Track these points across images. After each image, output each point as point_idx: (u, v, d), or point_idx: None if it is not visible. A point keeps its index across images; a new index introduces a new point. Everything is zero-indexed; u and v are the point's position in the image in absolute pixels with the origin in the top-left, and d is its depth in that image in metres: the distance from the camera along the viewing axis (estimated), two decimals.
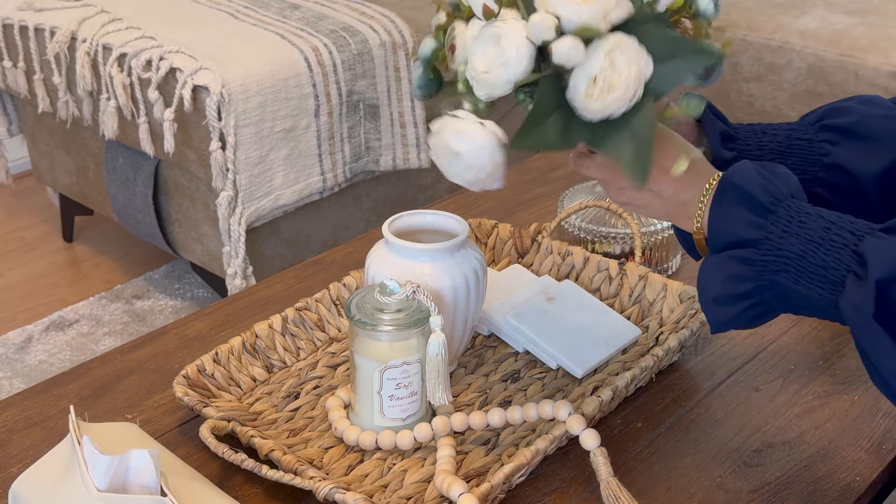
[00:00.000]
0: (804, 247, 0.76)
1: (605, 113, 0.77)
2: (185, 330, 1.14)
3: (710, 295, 0.80)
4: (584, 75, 0.76)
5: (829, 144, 0.91)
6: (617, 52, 0.75)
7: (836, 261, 0.75)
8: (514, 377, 1.05)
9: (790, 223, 0.77)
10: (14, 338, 2.21)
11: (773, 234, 0.77)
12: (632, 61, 0.76)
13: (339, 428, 0.95)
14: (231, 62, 1.89)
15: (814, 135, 0.92)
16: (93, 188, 2.33)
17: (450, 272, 0.97)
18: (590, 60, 0.76)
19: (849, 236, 0.75)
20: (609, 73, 0.75)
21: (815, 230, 0.76)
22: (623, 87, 0.75)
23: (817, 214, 0.77)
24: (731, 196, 0.79)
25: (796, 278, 0.77)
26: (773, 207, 0.78)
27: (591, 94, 0.76)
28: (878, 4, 2.33)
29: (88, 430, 0.83)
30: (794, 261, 0.76)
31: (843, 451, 0.95)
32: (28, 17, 2.17)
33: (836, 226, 0.76)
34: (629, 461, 0.94)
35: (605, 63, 0.75)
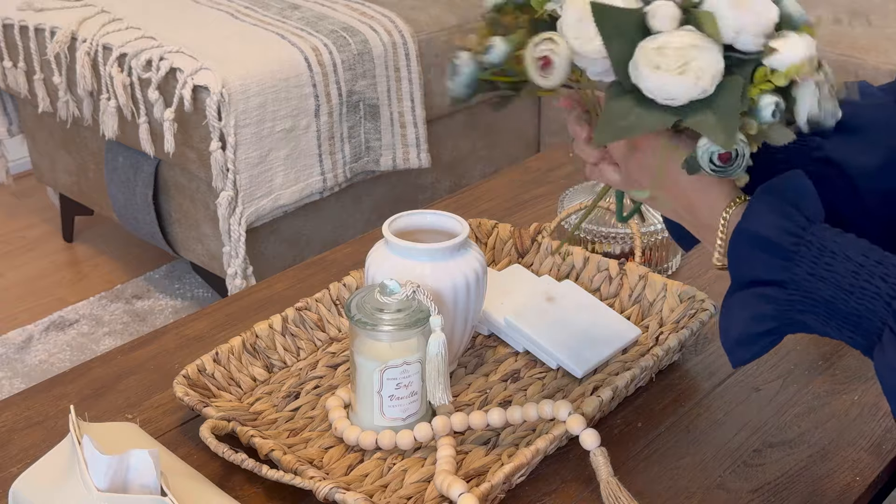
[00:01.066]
0: (833, 293, 0.73)
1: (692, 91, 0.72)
2: (185, 330, 1.14)
3: (734, 336, 0.78)
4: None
5: (820, 138, 0.88)
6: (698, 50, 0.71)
7: (868, 311, 0.72)
8: (514, 377, 1.05)
9: (815, 265, 0.74)
10: (14, 338, 2.21)
11: (798, 276, 0.74)
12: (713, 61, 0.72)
13: (340, 428, 0.95)
14: (231, 62, 1.89)
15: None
16: (93, 188, 2.33)
17: (450, 272, 0.97)
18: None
19: (881, 284, 0.71)
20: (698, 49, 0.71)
21: (843, 275, 0.73)
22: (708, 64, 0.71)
23: (843, 254, 0.73)
24: (747, 240, 0.76)
25: (826, 321, 0.74)
26: (796, 248, 0.74)
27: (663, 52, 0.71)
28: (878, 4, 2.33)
29: (88, 429, 0.83)
30: (823, 305, 0.74)
31: (844, 451, 0.95)
32: (28, 17, 2.17)
33: (865, 270, 0.72)
34: (629, 461, 0.94)
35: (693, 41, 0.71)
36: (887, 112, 0.90)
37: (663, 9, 0.73)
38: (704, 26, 0.73)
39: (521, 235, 1.25)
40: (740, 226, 0.77)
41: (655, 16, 0.73)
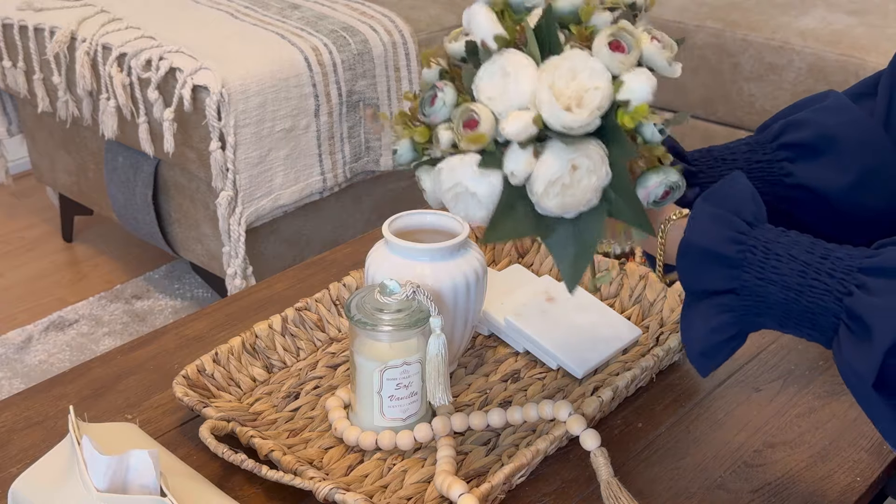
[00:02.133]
0: (784, 295, 0.74)
1: (561, 213, 0.76)
2: (185, 330, 1.14)
3: (698, 349, 0.79)
4: (542, 177, 0.75)
5: (788, 163, 0.89)
6: (581, 159, 0.74)
7: (820, 308, 0.73)
8: (514, 377, 1.05)
9: (763, 269, 0.75)
10: (14, 338, 2.21)
11: (748, 283, 0.75)
12: (592, 170, 0.75)
13: (339, 428, 0.95)
14: (231, 62, 1.89)
15: (772, 154, 0.90)
16: (93, 188, 2.33)
17: (450, 272, 0.97)
18: (550, 164, 0.74)
19: (829, 280, 0.72)
20: (568, 179, 0.74)
21: (790, 275, 0.74)
22: (580, 194, 0.75)
23: (787, 255, 0.74)
24: (694, 253, 0.77)
25: (783, 321, 0.76)
26: (741, 255, 0.75)
27: (549, 192, 0.75)
28: (878, 4, 2.33)
29: (88, 430, 0.83)
30: (778, 307, 0.75)
31: (844, 452, 0.95)
32: (28, 16, 2.17)
33: (811, 268, 0.73)
34: (629, 461, 0.94)
35: (565, 169, 0.74)
36: (860, 128, 0.90)
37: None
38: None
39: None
40: (684, 240, 0.78)
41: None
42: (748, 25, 2.28)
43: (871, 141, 0.89)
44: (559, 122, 0.74)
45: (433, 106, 0.79)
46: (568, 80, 0.74)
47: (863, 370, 0.70)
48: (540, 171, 0.75)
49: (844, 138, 0.89)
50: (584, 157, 0.74)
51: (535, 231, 0.78)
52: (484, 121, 0.76)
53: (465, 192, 0.78)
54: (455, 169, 0.78)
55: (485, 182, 0.77)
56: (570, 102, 0.74)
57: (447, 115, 0.79)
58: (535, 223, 0.77)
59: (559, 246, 0.78)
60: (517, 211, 0.77)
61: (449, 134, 0.78)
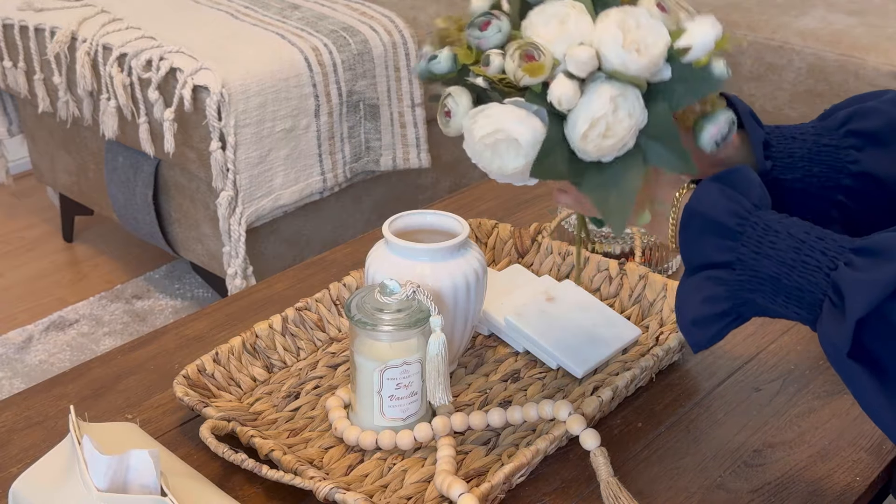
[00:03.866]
0: (777, 269, 0.76)
1: (598, 156, 0.78)
2: (185, 330, 1.14)
3: (689, 317, 0.80)
4: (585, 115, 0.76)
5: (855, 151, 0.88)
6: (620, 99, 0.76)
7: (810, 283, 0.75)
8: (514, 377, 1.05)
9: (760, 244, 0.77)
10: (14, 338, 2.21)
11: (744, 256, 0.77)
12: (632, 112, 0.77)
13: (340, 428, 0.95)
14: (231, 62, 1.89)
15: (839, 140, 0.89)
16: (93, 188, 2.33)
17: (450, 272, 0.97)
18: (594, 102, 0.76)
19: (821, 257, 0.74)
20: (611, 118, 0.76)
21: (785, 251, 0.76)
22: (620, 135, 0.77)
23: (786, 232, 0.77)
24: (697, 223, 0.80)
25: (773, 298, 0.77)
26: (741, 228, 0.78)
27: (588, 135, 0.76)
28: (878, 4, 2.33)
29: (88, 430, 0.83)
30: (769, 282, 0.77)
31: (844, 452, 0.95)
32: (28, 17, 2.17)
33: (806, 245, 0.75)
34: (629, 461, 0.94)
35: (608, 107, 0.76)
36: None
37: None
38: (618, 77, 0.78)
39: (521, 235, 1.25)
40: (688, 206, 0.80)
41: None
42: (748, 25, 2.28)
43: None
44: (621, 62, 0.76)
45: (485, 31, 0.79)
46: (633, 27, 0.76)
47: (838, 340, 0.72)
48: (583, 107, 0.76)
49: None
50: (623, 98, 0.76)
51: (572, 175, 0.79)
52: (546, 56, 0.76)
53: (505, 140, 0.78)
54: (496, 115, 0.78)
55: (528, 127, 0.77)
56: (632, 47, 0.76)
57: (500, 42, 0.79)
58: (572, 168, 0.78)
59: (599, 194, 0.78)
60: (557, 152, 0.78)
61: (500, 60, 0.78)
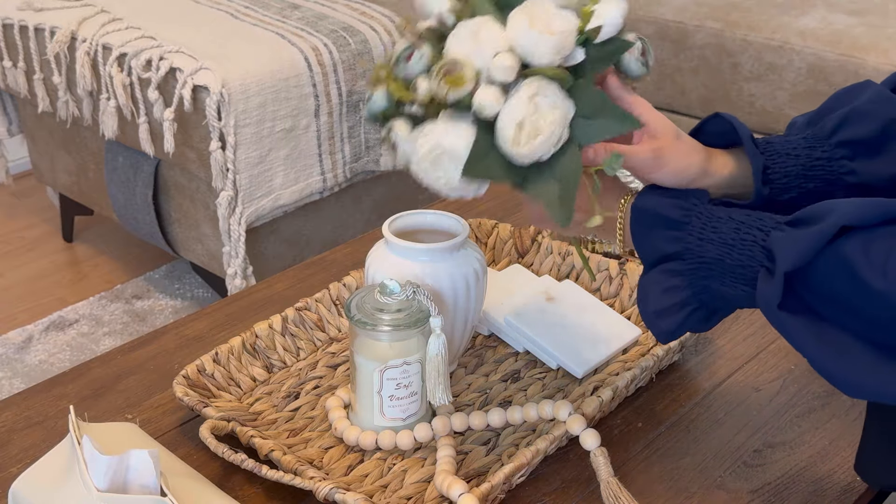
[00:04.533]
0: (720, 251, 0.78)
1: (534, 157, 0.79)
2: (185, 330, 1.14)
3: (651, 309, 0.82)
4: (509, 120, 0.78)
5: (847, 161, 0.87)
6: (539, 97, 0.78)
7: (748, 258, 0.77)
8: (514, 377, 1.05)
9: (704, 230, 0.79)
10: (14, 338, 2.21)
11: (691, 244, 0.80)
12: (555, 105, 0.78)
13: (339, 428, 0.95)
14: (231, 62, 1.89)
15: (832, 151, 0.87)
16: (93, 188, 2.33)
17: (450, 272, 0.97)
18: (514, 106, 0.78)
19: (757, 233, 0.77)
20: (534, 117, 0.77)
21: (726, 233, 0.78)
22: (549, 130, 0.78)
23: (727, 216, 0.79)
24: (645, 219, 0.82)
25: (722, 280, 0.79)
26: (687, 219, 0.80)
27: (518, 139, 0.78)
28: (878, 4, 2.33)
29: (88, 430, 0.83)
30: (716, 265, 0.79)
31: (844, 452, 0.95)
32: (28, 16, 2.17)
33: (745, 225, 0.78)
34: (629, 461, 0.94)
35: (529, 108, 0.77)
36: None
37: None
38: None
39: (521, 235, 1.25)
40: (635, 205, 0.83)
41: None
42: (748, 25, 2.28)
43: None
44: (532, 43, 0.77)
45: (409, 62, 0.81)
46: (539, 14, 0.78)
47: (769, 293, 0.74)
48: (505, 114, 0.78)
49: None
50: (541, 96, 0.78)
51: (507, 177, 0.80)
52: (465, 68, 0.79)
53: (443, 153, 0.80)
54: (430, 133, 0.80)
55: (461, 136, 0.79)
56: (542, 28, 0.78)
57: (424, 67, 0.81)
58: (507, 170, 0.80)
59: (541, 190, 0.80)
60: (490, 158, 0.79)
61: (427, 83, 0.80)
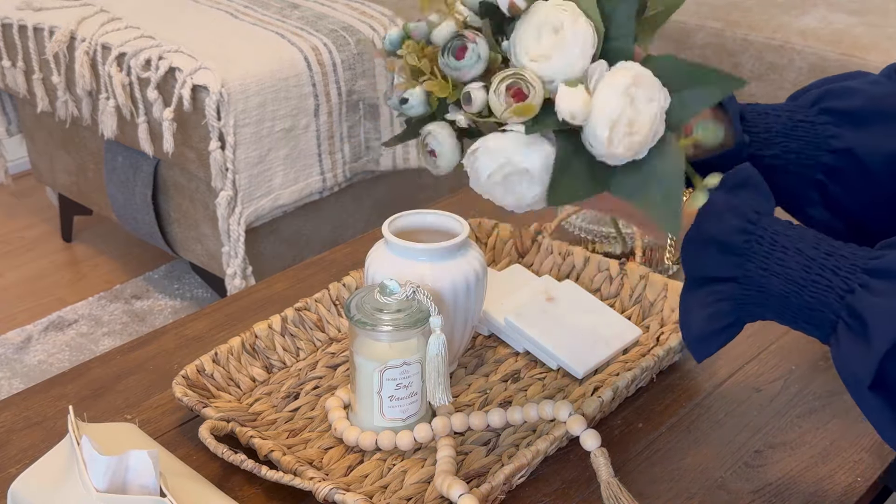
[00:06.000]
0: (785, 287, 0.74)
1: (631, 156, 0.71)
2: (184, 330, 1.14)
3: (694, 333, 0.79)
4: (602, 119, 0.69)
5: (833, 126, 0.86)
6: (634, 89, 0.70)
7: (821, 303, 0.73)
8: (514, 377, 1.05)
9: (767, 260, 0.74)
10: (13, 338, 2.20)
11: (751, 272, 0.75)
12: (652, 96, 0.70)
13: (339, 428, 0.95)
14: (231, 62, 1.89)
15: (814, 117, 0.86)
16: (92, 188, 2.33)
17: (450, 272, 0.97)
18: (606, 101, 0.69)
19: (832, 277, 0.72)
20: (630, 112, 0.69)
21: (794, 269, 0.74)
22: (647, 126, 0.70)
23: (794, 248, 0.74)
24: (703, 237, 0.77)
25: (780, 314, 0.76)
26: (747, 245, 0.75)
27: (613, 139, 0.70)
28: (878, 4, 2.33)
29: (87, 430, 0.83)
30: (777, 299, 0.75)
31: (845, 452, 0.95)
32: (27, 16, 2.17)
33: (816, 263, 0.73)
34: (630, 462, 0.94)
35: (623, 101, 0.69)
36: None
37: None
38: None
39: (521, 235, 1.25)
40: (694, 227, 0.77)
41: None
42: (748, 25, 2.28)
43: None
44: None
45: (463, 60, 0.70)
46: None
47: (860, 371, 0.70)
48: (598, 112, 0.69)
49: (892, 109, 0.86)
50: (635, 87, 0.70)
51: (597, 188, 0.72)
52: (536, 91, 0.68)
53: (516, 171, 0.72)
54: (498, 149, 0.71)
55: (536, 153, 0.71)
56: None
57: (481, 70, 0.70)
58: (594, 179, 0.71)
59: (640, 192, 0.72)
60: (573, 168, 0.71)
61: (483, 96, 0.69)
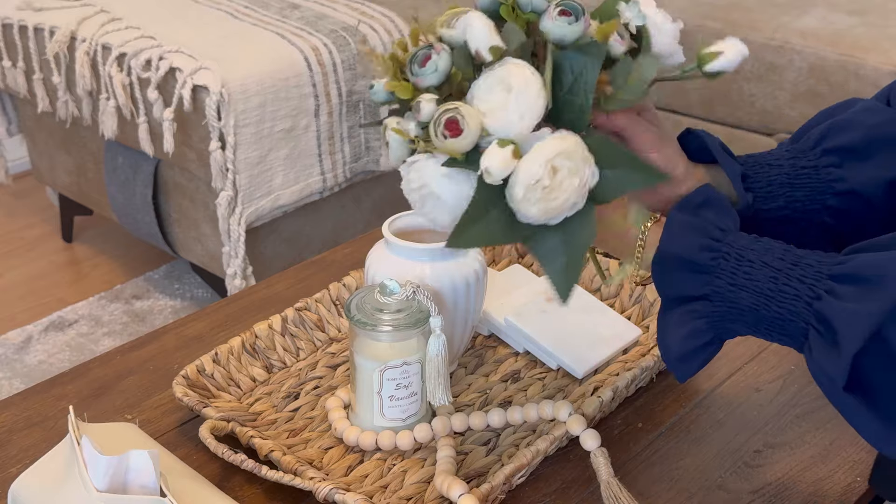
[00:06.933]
0: (755, 300, 0.75)
1: (544, 219, 0.73)
2: (184, 330, 1.14)
3: (674, 355, 0.79)
4: (523, 179, 0.71)
5: (835, 168, 0.86)
6: (560, 160, 0.72)
7: (790, 313, 0.74)
8: (514, 377, 1.05)
9: (735, 275, 0.75)
10: (14, 338, 2.21)
11: (720, 288, 0.76)
12: (576, 171, 0.72)
13: (339, 428, 0.95)
14: (231, 62, 1.89)
15: (817, 160, 0.87)
16: (92, 188, 2.33)
17: (450, 272, 0.97)
18: (530, 165, 0.71)
19: (799, 285, 0.73)
20: (548, 181, 0.71)
21: (761, 281, 0.74)
22: (564, 196, 0.72)
23: (759, 262, 0.75)
24: (669, 261, 0.78)
25: (754, 328, 0.76)
26: (714, 262, 0.76)
27: (528, 199, 0.72)
28: (878, 4, 2.33)
29: (88, 430, 0.83)
30: (749, 313, 0.75)
31: (844, 452, 0.95)
32: (27, 16, 2.17)
33: (782, 274, 0.74)
34: (630, 462, 0.94)
35: (544, 171, 0.71)
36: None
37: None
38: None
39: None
40: (660, 248, 0.78)
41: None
42: (748, 25, 2.28)
43: None
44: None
45: (424, 67, 0.75)
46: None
47: (834, 373, 0.71)
48: (520, 172, 0.71)
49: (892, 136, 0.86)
50: (563, 158, 0.72)
51: (510, 238, 0.75)
52: (468, 133, 0.72)
53: (430, 196, 0.75)
54: (423, 169, 0.75)
55: (452, 186, 0.74)
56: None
57: (436, 81, 0.74)
58: (510, 230, 0.74)
59: (546, 254, 0.74)
60: (490, 216, 0.73)
61: (431, 108, 0.73)
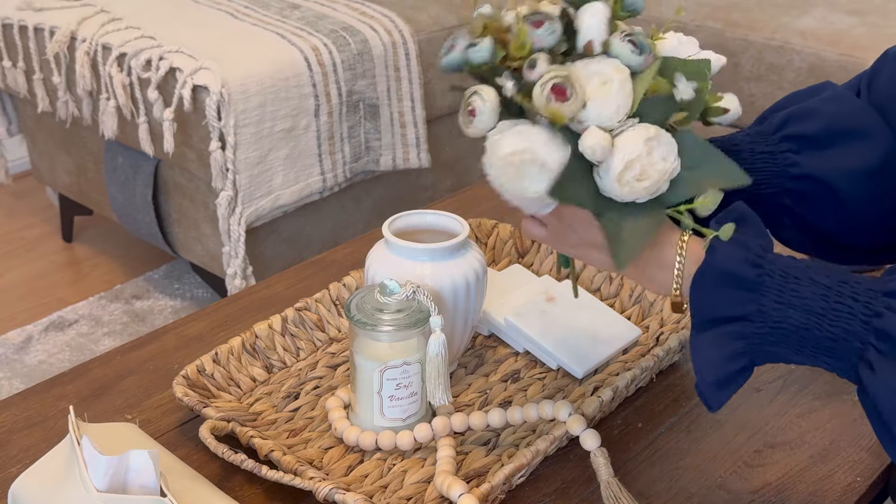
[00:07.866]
0: (804, 319, 0.71)
1: (631, 198, 0.76)
2: (184, 330, 1.14)
3: (711, 379, 0.75)
4: (621, 156, 0.75)
5: (792, 154, 0.87)
6: (655, 142, 0.75)
7: (845, 332, 0.71)
8: (514, 377, 1.05)
9: (782, 293, 0.72)
10: (14, 338, 2.21)
11: (765, 307, 0.72)
12: (667, 156, 0.76)
13: (339, 428, 0.95)
14: (231, 62, 1.89)
15: (775, 146, 0.87)
16: (92, 188, 2.33)
17: (450, 272, 0.97)
18: (628, 143, 0.75)
19: (853, 303, 0.70)
20: (646, 161, 0.75)
21: (811, 299, 0.71)
22: (654, 178, 0.75)
23: (807, 279, 0.72)
24: (713, 278, 0.74)
25: (799, 350, 0.73)
26: (760, 279, 0.73)
27: (624, 177, 0.75)
28: (878, 4, 2.33)
29: (88, 430, 0.83)
30: (794, 334, 0.72)
31: (844, 452, 0.95)
32: (28, 16, 2.17)
33: (833, 291, 0.71)
34: (630, 462, 0.94)
35: (643, 150, 0.74)
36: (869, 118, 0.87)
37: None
38: None
39: (522, 235, 1.25)
40: (706, 262, 0.75)
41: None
42: (748, 25, 2.28)
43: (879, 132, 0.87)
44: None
45: (538, 29, 0.76)
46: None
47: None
48: (619, 148, 0.74)
49: (854, 128, 0.86)
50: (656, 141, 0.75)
51: (593, 205, 0.77)
52: (575, 100, 0.74)
53: (531, 161, 0.75)
54: (527, 133, 0.76)
55: (558, 151, 0.75)
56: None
57: (553, 43, 0.76)
58: (594, 198, 0.77)
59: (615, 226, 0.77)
60: (583, 181, 0.76)
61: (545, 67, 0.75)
